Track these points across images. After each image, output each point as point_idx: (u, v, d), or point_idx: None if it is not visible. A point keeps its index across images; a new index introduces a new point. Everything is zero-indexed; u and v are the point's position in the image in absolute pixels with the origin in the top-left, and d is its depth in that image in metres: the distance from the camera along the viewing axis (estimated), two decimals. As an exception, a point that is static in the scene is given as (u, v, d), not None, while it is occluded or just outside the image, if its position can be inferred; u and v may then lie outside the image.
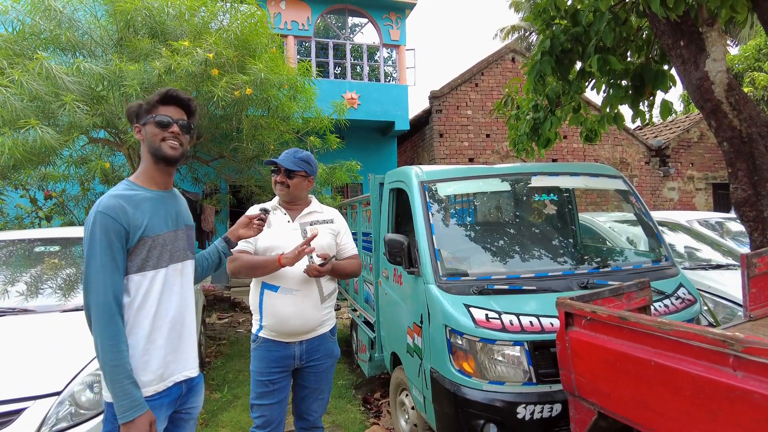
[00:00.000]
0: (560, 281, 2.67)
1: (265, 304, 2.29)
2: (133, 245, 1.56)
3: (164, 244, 1.63)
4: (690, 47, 3.25)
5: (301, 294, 2.26)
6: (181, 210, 1.78)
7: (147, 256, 1.58)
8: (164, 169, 1.70)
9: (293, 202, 2.41)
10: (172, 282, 1.65)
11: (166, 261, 1.64)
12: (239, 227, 2.01)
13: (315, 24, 9.74)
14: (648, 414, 1.61)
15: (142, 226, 1.57)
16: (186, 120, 1.70)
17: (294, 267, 2.22)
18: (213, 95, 4.30)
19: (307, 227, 2.36)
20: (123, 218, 1.53)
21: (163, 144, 1.63)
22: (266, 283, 2.30)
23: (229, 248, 2.01)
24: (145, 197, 1.64)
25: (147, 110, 1.64)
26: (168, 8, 4.60)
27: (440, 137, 10.58)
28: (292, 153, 2.40)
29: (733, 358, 1.31)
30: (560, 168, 3.32)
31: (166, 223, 1.65)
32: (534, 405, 2.31)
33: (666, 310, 2.64)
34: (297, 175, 2.35)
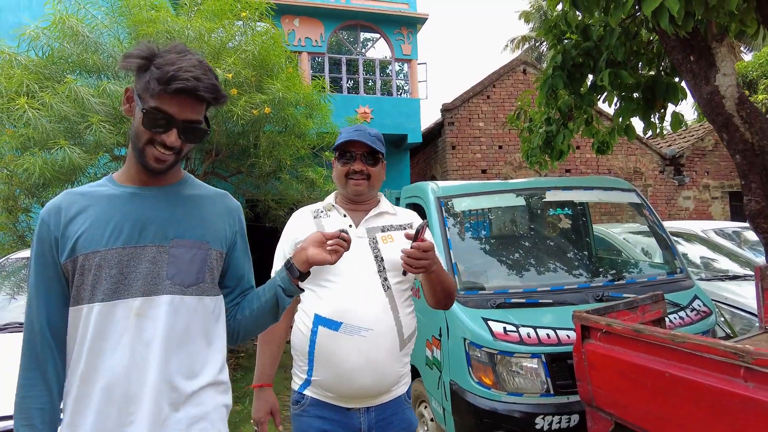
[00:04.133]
0: (576, 294, 2.73)
1: (318, 347, 1.56)
2: (63, 262, 1.10)
3: (105, 265, 1.09)
4: (700, 62, 3.31)
5: (373, 336, 1.52)
6: (177, 217, 1.18)
7: (81, 284, 1.10)
8: (141, 168, 1.17)
9: (364, 200, 1.71)
10: (116, 327, 1.09)
11: (106, 293, 1.09)
12: (310, 245, 1.27)
13: (328, 40, 9.94)
14: (663, 424, 1.67)
15: (73, 237, 1.10)
16: (198, 121, 1.13)
17: (362, 294, 1.55)
18: (232, 114, 4.44)
19: (377, 235, 1.65)
20: (54, 222, 1.11)
21: (147, 149, 1.11)
22: (321, 317, 1.56)
23: (292, 280, 1.26)
24: (105, 195, 1.16)
25: (146, 85, 1.08)
26: (188, 30, 4.78)
27: (453, 149, 10.67)
28: (363, 129, 1.68)
29: (744, 369, 1.37)
30: (574, 182, 3.39)
31: (115, 233, 1.11)
32: (552, 416, 2.36)
33: (681, 322, 2.68)
34: (379, 160, 1.69)
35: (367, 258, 1.60)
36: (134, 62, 1.09)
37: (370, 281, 1.58)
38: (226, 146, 5.95)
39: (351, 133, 1.67)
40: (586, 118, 5.28)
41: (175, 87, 1.05)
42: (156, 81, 1.06)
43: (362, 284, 1.58)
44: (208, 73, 1.10)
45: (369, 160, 1.67)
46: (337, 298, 1.56)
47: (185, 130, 1.11)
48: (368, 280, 1.58)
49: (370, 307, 1.55)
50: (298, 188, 6.22)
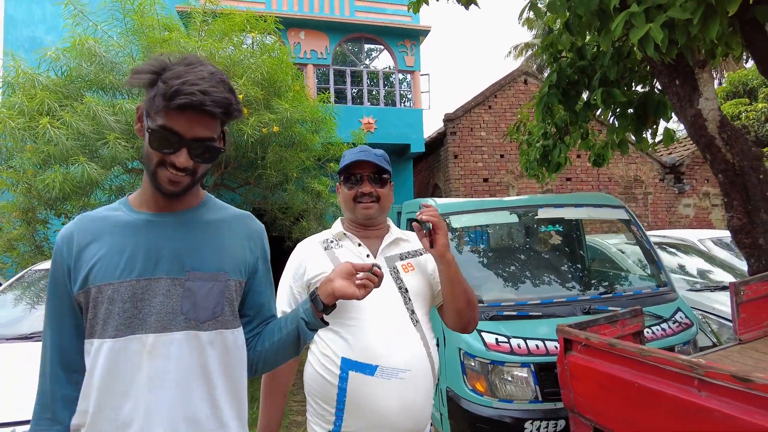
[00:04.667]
0: (564, 307, 2.92)
1: (351, 395, 1.41)
2: (76, 293, 1.04)
3: (114, 299, 1.02)
4: (685, 86, 3.50)
5: (411, 377, 1.40)
6: (193, 246, 1.11)
7: (94, 316, 1.03)
8: (156, 192, 1.10)
9: (374, 225, 1.61)
10: (127, 366, 1.02)
11: (118, 328, 1.02)
12: (338, 277, 1.17)
13: (333, 52, 10.19)
14: (635, 429, 1.86)
15: (86, 268, 1.04)
16: (210, 138, 1.03)
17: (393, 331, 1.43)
18: (243, 133, 4.67)
19: (398, 264, 1.54)
20: (68, 251, 1.06)
21: (160, 171, 1.03)
22: (351, 360, 1.42)
23: (315, 313, 1.17)
24: (120, 222, 1.09)
25: (152, 103, 1.00)
26: (199, 51, 5.01)
27: (455, 158, 10.87)
28: (368, 149, 1.59)
29: (697, 380, 1.56)
30: (565, 200, 3.58)
31: (129, 265, 1.04)
32: (540, 421, 2.55)
33: (663, 334, 2.87)
34: (388, 181, 1.60)
35: (391, 291, 1.47)
36: (144, 77, 1.01)
37: (399, 316, 1.45)
38: (235, 158, 6.18)
39: (356, 154, 1.56)
40: (582, 133, 5.48)
41: (178, 102, 0.95)
42: (161, 97, 0.97)
43: (392, 321, 1.44)
44: (220, 86, 1.00)
45: (377, 182, 1.56)
46: (367, 338, 1.41)
47: (196, 149, 1.01)
48: (397, 315, 1.45)
49: (405, 345, 1.42)
50: (303, 199, 6.44)
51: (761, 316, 2.69)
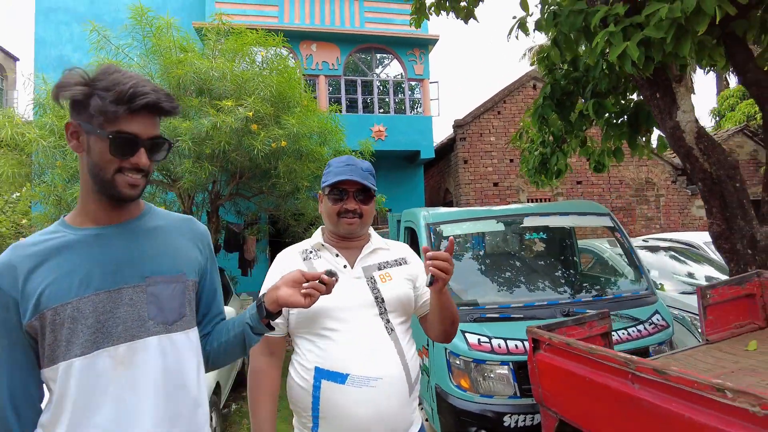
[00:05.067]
0: (545, 310, 3.14)
1: (323, 403, 1.44)
2: (28, 322, 1.01)
3: (79, 316, 1.02)
4: (665, 99, 3.67)
5: (383, 385, 1.43)
6: (148, 252, 1.13)
7: (55, 340, 1.02)
8: (106, 203, 1.11)
9: (354, 236, 1.62)
10: (99, 380, 1.03)
11: (85, 345, 1.02)
12: (284, 285, 1.22)
13: (344, 63, 10.51)
14: (587, 418, 2.08)
15: (36, 294, 1.02)
16: (160, 136, 1.10)
17: (366, 340, 1.46)
18: (253, 148, 4.99)
19: (375, 273, 1.57)
20: (10, 283, 1.02)
21: (118, 178, 1.05)
22: (323, 369, 1.45)
23: (260, 318, 1.23)
24: (63, 243, 1.07)
25: (100, 112, 1.01)
26: (212, 71, 5.36)
27: (465, 163, 11.07)
28: (355, 163, 1.59)
29: (631, 374, 1.78)
30: (550, 209, 3.79)
31: (86, 280, 1.05)
32: (518, 415, 2.78)
33: (639, 335, 3.06)
34: (372, 197, 1.61)
35: (367, 300, 1.50)
36: (78, 90, 1.01)
37: (374, 325, 1.48)
38: (249, 169, 6.52)
39: (342, 169, 1.56)
40: (580, 140, 5.65)
41: (140, 103, 1.01)
42: (114, 103, 1.00)
43: (365, 330, 1.47)
44: (155, 85, 1.06)
45: (362, 198, 1.57)
46: (341, 348, 1.44)
47: (152, 147, 1.07)
48: (371, 324, 1.48)
49: (377, 354, 1.44)
50: (314, 206, 6.73)
51: (728, 318, 2.87)
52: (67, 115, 1.06)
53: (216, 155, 5.22)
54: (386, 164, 10.85)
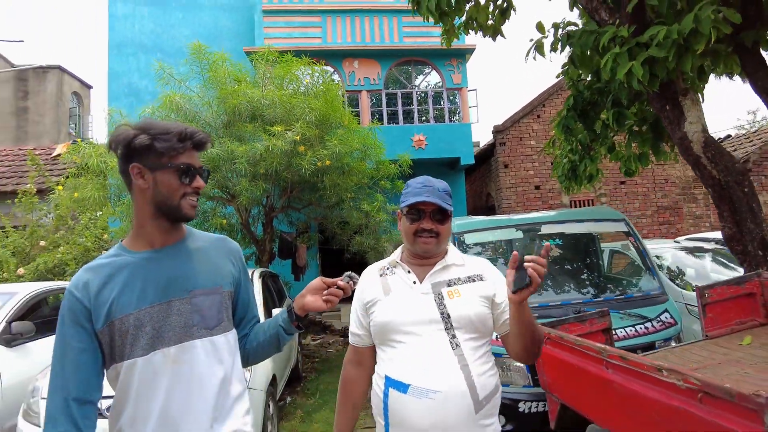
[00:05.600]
0: (558, 309, 3.49)
1: (391, 410, 1.56)
2: (99, 329, 1.25)
3: (140, 324, 1.26)
4: (674, 111, 3.92)
5: (442, 398, 1.48)
6: (191, 270, 1.36)
7: (121, 344, 1.26)
8: (167, 225, 1.36)
9: (434, 256, 1.68)
10: (159, 374, 1.27)
11: (145, 347, 1.26)
12: (308, 292, 1.46)
13: (385, 77, 11.05)
14: (577, 400, 2.46)
15: (106, 306, 1.26)
16: (202, 165, 1.37)
17: (428, 353, 1.53)
18: (301, 167, 5.58)
19: (443, 289, 1.62)
20: (85, 296, 1.26)
21: (183, 202, 1.31)
22: (391, 378, 1.57)
23: (292, 323, 1.47)
24: (124, 264, 1.31)
25: (168, 151, 1.27)
26: (263, 99, 6.01)
27: (505, 168, 11.32)
28: (432, 185, 1.64)
29: (605, 361, 2.15)
30: (567, 216, 4.11)
31: (143, 295, 1.28)
32: (531, 402, 3.16)
33: (645, 331, 3.37)
34: (449, 217, 1.67)
35: (432, 315, 1.56)
36: (143, 138, 1.26)
37: (437, 340, 1.53)
38: (298, 184, 7.15)
39: (420, 190, 1.62)
40: (607, 147, 5.86)
41: (197, 139, 1.32)
42: (180, 141, 1.28)
43: (429, 344, 1.53)
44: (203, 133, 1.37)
45: (438, 218, 1.62)
46: (405, 359, 1.54)
47: (202, 174, 1.35)
48: (435, 339, 1.53)
49: (438, 367, 1.49)
50: (358, 216, 7.26)
51: (728, 316, 3.12)
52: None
53: (269, 174, 5.86)
54: (427, 172, 11.17)
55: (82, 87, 20.14)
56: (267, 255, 7.82)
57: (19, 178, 11.07)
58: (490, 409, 1.54)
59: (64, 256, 8.11)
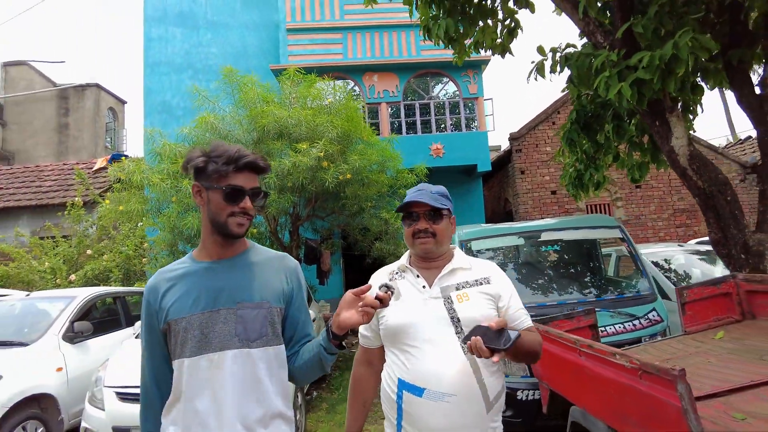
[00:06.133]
0: (554, 308, 3.89)
1: (405, 412, 1.63)
2: (162, 328, 1.42)
3: (190, 328, 1.38)
4: (663, 127, 4.26)
5: (457, 401, 1.55)
6: (242, 283, 1.45)
7: (174, 343, 1.41)
8: (221, 240, 1.47)
9: (436, 257, 1.75)
10: (201, 378, 1.37)
11: (192, 350, 1.38)
12: (341, 309, 1.44)
13: (403, 89, 11.53)
14: (563, 386, 2.87)
15: (166, 308, 1.41)
16: (258, 187, 1.46)
17: (442, 358, 1.58)
18: (324, 180, 6.10)
19: (452, 293, 1.67)
20: (154, 299, 1.44)
21: (230, 220, 1.41)
22: (404, 381, 1.62)
23: (331, 342, 1.45)
24: (188, 272, 1.46)
25: (215, 173, 1.39)
26: (289, 119, 6.56)
27: (522, 174, 11.65)
28: (426, 188, 1.76)
29: (578, 350, 2.56)
30: (565, 224, 4.49)
31: (196, 302, 1.40)
32: (528, 390, 3.56)
33: (633, 328, 3.74)
34: (443, 216, 1.72)
35: (443, 319, 1.61)
36: (199, 160, 1.40)
37: (449, 344, 1.58)
38: (322, 195, 7.69)
39: (413, 194, 1.72)
40: (612, 156, 6.20)
41: (243, 162, 1.39)
42: (225, 164, 1.38)
43: (442, 348, 1.58)
44: (254, 152, 1.47)
45: (433, 218, 1.69)
46: (419, 363, 1.58)
47: (254, 195, 1.43)
48: (447, 343, 1.58)
49: (452, 372, 1.54)
50: (377, 223, 7.73)
51: (706, 313, 3.47)
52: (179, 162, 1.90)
53: (296, 187, 6.39)
54: (445, 179, 11.68)
55: (117, 102, 21.24)
56: (293, 261, 8.35)
57: (65, 191, 11.94)
58: (498, 407, 1.64)
59: (108, 263, 8.85)
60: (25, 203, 11.56)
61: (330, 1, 11.61)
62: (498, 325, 1.45)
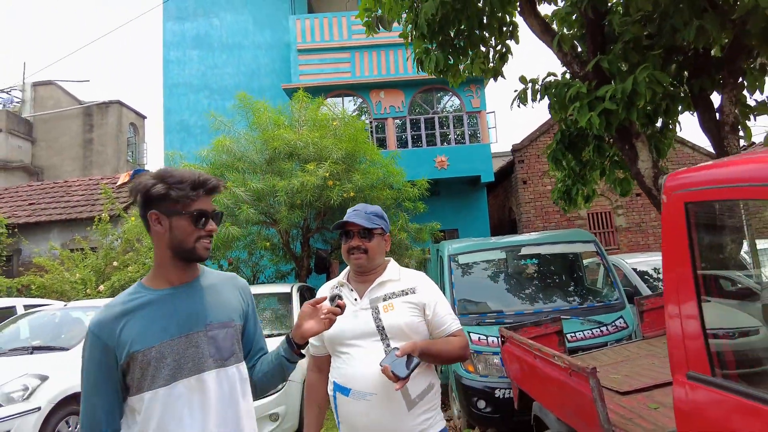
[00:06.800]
0: (530, 316, 4.35)
1: (339, 410, 1.82)
2: (122, 363, 1.34)
3: (161, 356, 1.35)
4: (631, 151, 4.71)
5: (376, 400, 1.71)
6: (207, 305, 1.46)
7: (141, 375, 1.34)
8: (183, 265, 1.46)
9: (369, 271, 1.90)
10: (181, 403, 1.35)
11: (166, 378, 1.35)
12: (303, 320, 1.54)
13: (408, 105, 12.06)
14: (525, 384, 3.34)
15: (128, 342, 1.34)
16: (215, 209, 1.46)
17: (365, 361, 1.75)
18: (330, 198, 6.65)
19: (379, 304, 1.83)
20: (108, 335, 1.34)
21: (198, 244, 1.41)
22: (336, 383, 1.83)
23: (292, 351, 1.53)
24: (146, 302, 1.41)
25: (182, 198, 1.36)
26: (299, 141, 7.13)
27: (524, 184, 12.07)
28: (362, 209, 1.90)
29: (532, 353, 3.04)
30: (544, 239, 4.95)
31: (164, 330, 1.37)
32: (504, 389, 4.03)
33: (600, 334, 4.19)
34: (375, 235, 1.87)
35: (369, 328, 1.78)
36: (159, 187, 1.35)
37: (373, 349, 1.75)
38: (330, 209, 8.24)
39: (349, 214, 1.87)
40: (599, 171, 6.62)
41: (210, 185, 1.41)
42: (193, 189, 1.37)
43: (366, 353, 1.75)
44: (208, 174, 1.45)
45: (365, 236, 1.84)
46: (346, 367, 1.78)
47: (215, 218, 1.44)
48: (371, 348, 1.76)
49: (373, 373, 1.68)
50: (381, 236, 8.24)
51: (662, 321, 3.91)
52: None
53: (304, 204, 6.94)
54: (451, 190, 12.21)
55: (137, 117, 22.15)
56: (304, 270, 8.89)
57: (92, 205, 12.69)
58: (425, 404, 1.78)
59: (133, 274, 9.49)
60: (55, 217, 12.33)
61: (338, 23, 12.21)
62: (403, 353, 1.63)
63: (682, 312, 1.66)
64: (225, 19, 13.47)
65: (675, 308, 1.70)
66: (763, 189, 1.38)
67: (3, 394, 4.25)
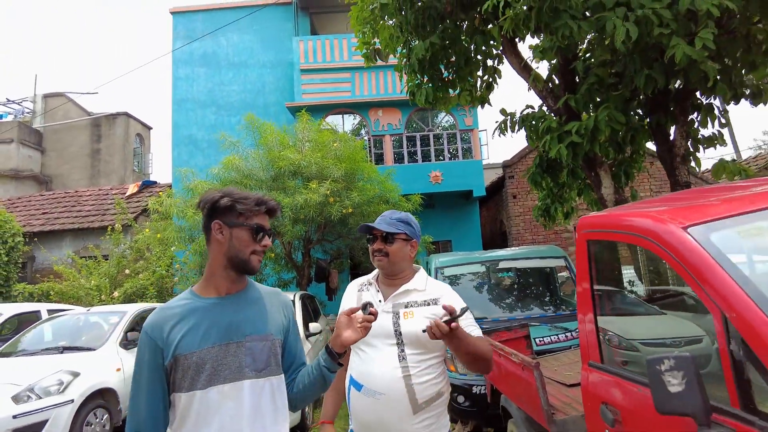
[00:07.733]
0: (505, 323, 4.96)
1: (351, 403, 1.93)
2: (167, 363, 1.43)
3: (200, 362, 1.42)
4: (596, 178, 5.34)
5: (385, 399, 1.81)
6: (248, 317, 1.53)
7: (182, 376, 1.43)
8: (234, 276, 1.55)
9: (395, 274, 1.99)
10: (214, 408, 1.42)
11: (204, 382, 1.42)
12: (341, 330, 1.56)
13: (405, 123, 12.74)
14: (496, 380, 3.96)
15: (174, 344, 1.43)
16: (271, 228, 1.58)
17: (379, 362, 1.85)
18: (330, 214, 7.29)
19: (401, 310, 1.91)
20: (158, 336, 1.44)
21: (253, 257, 1.51)
22: (352, 377, 1.94)
23: (332, 360, 1.55)
24: (193, 308, 1.50)
25: (245, 212, 1.48)
26: (302, 161, 7.78)
27: (514, 198, 12.72)
28: (388, 215, 2.02)
29: (498, 353, 3.66)
30: (520, 254, 5.58)
31: (206, 337, 1.45)
32: (480, 386, 4.63)
33: (565, 339, 4.80)
34: (396, 239, 1.95)
35: (388, 331, 1.86)
36: (226, 200, 1.48)
37: (388, 352, 1.83)
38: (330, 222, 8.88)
39: (376, 220, 2.00)
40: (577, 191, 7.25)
41: (269, 206, 1.55)
42: (257, 205, 1.51)
43: (382, 354, 1.84)
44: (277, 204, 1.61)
45: (386, 240, 1.93)
46: (362, 364, 1.88)
47: (270, 235, 1.57)
48: (387, 350, 1.84)
49: (385, 374, 1.78)
50: (379, 247, 8.88)
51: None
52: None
53: (307, 219, 7.58)
54: (445, 203, 12.87)
55: (143, 128, 22.84)
56: (305, 279, 9.51)
57: (102, 215, 13.33)
58: (431, 411, 1.85)
59: (144, 281, 10.10)
60: (68, 226, 12.95)
61: (339, 44, 12.91)
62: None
63: (585, 319, 2.28)
64: (231, 39, 14.16)
65: (582, 316, 2.32)
66: (617, 234, 2.02)
67: (41, 388, 4.84)
